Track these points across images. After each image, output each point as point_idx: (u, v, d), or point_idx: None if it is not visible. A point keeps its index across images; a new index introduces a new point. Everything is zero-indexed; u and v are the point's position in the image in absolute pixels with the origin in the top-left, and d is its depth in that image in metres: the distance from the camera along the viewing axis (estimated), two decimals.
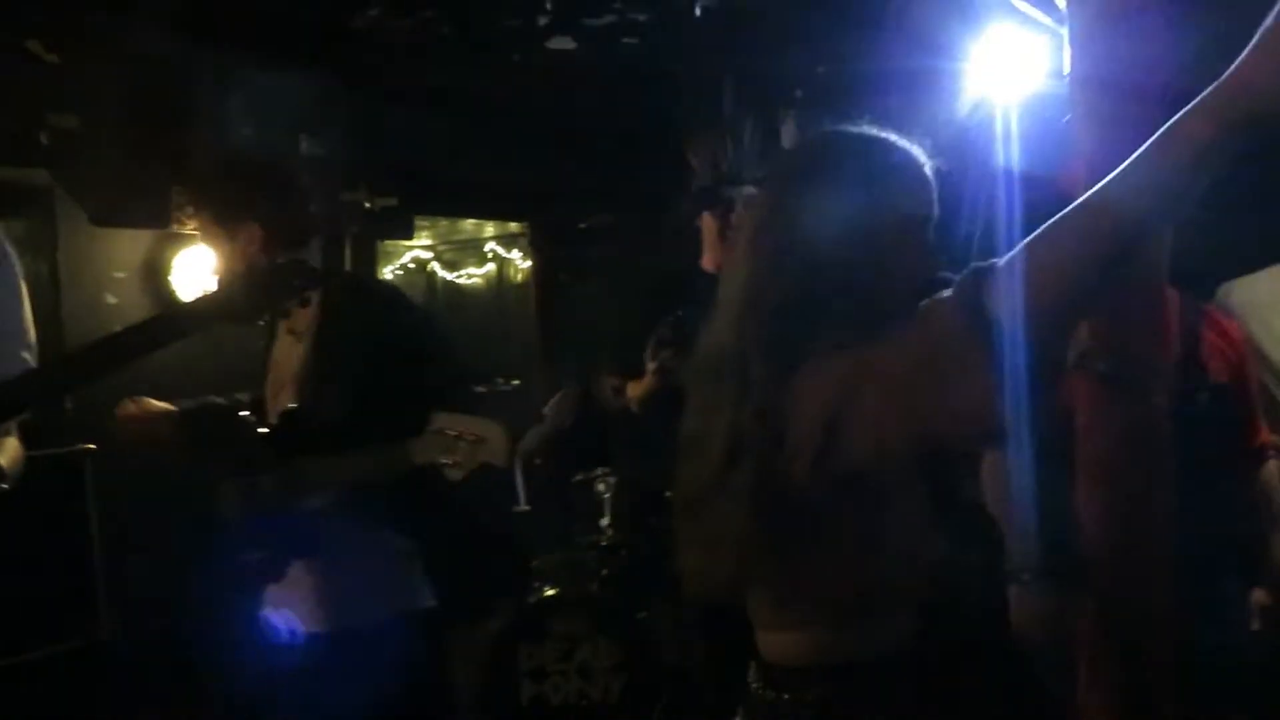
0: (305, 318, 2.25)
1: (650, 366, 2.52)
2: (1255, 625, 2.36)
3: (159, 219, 3.72)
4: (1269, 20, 0.86)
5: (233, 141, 3.55)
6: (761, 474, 1.19)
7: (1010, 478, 2.09)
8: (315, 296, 2.15)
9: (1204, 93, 0.90)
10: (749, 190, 2.27)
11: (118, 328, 2.28)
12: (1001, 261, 1.05)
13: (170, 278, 3.96)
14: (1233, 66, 0.88)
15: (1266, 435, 2.38)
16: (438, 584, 2.28)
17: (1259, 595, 2.41)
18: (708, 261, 2.47)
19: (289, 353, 2.29)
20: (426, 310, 2.52)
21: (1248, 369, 2.31)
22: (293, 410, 2.17)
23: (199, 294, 2.46)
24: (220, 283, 2.27)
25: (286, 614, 2.22)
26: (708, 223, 2.40)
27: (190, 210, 2.27)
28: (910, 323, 1.11)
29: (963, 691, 1.27)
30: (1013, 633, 1.72)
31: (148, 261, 3.96)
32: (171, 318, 2.12)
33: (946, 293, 1.08)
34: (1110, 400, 1.43)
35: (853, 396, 1.13)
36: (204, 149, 3.02)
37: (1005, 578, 1.84)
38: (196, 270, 3.91)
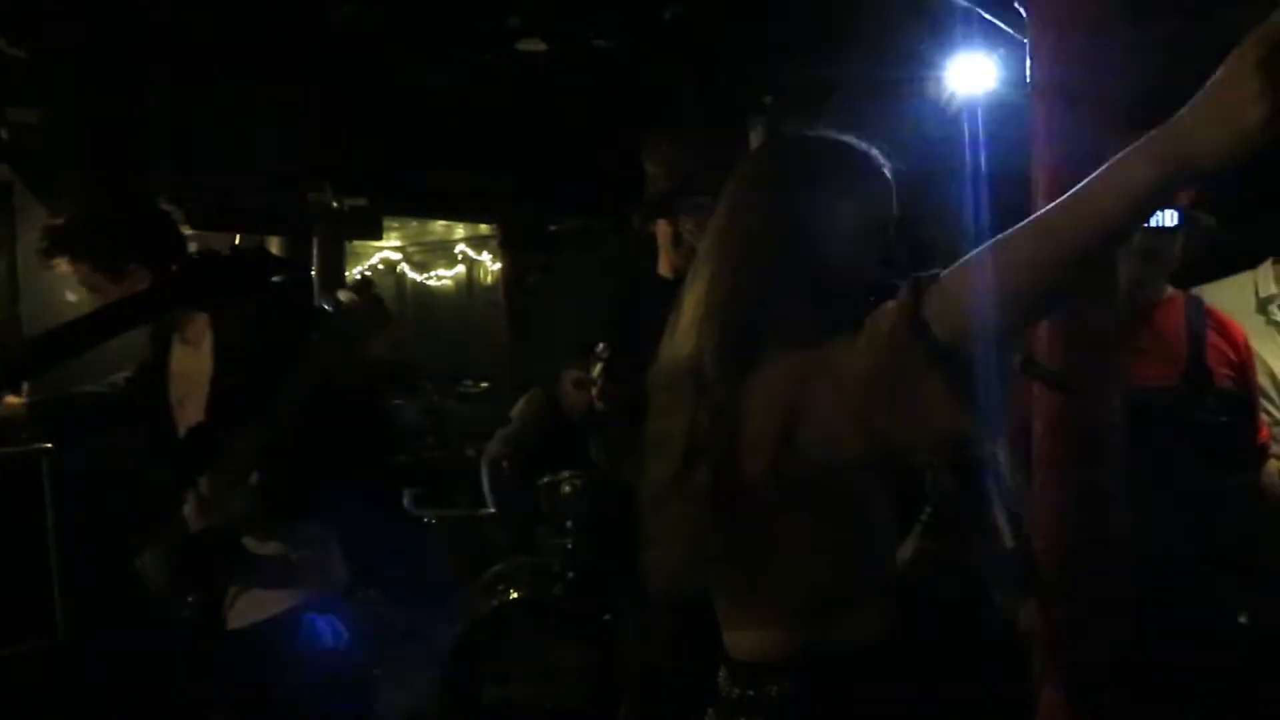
0: (197, 326, 2.32)
1: (594, 392, 2.56)
2: (1242, 619, 2.38)
3: None
4: (1218, 73, 0.87)
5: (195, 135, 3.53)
6: (718, 474, 1.20)
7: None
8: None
9: (1149, 134, 0.92)
10: (703, 200, 2.29)
11: None
12: (944, 273, 1.06)
13: None
14: (1179, 113, 0.89)
15: (1266, 435, 2.41)
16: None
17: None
18: (663, 267, 2.48)
19: (189, 362, 2.34)
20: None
21: (1250, 371, 2.33)
22: (201, 426, 2.24)
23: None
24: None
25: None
26: (662, 230, 2.42)
27: (69, 262, 2.30)
28: (860, 330, 1.11)
29: (927, 688, 1.28)
30: (987, 630, 1.74)
31: None
32: (134, 302, 2.15)
33: (890, 303, 1.08)
34: (1062, 403, 1.45)
35: (807, 398, 1.14)
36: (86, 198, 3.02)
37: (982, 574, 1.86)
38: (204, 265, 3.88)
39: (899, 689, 1.26)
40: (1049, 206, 1.00)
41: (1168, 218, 2.20)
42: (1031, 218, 1.01)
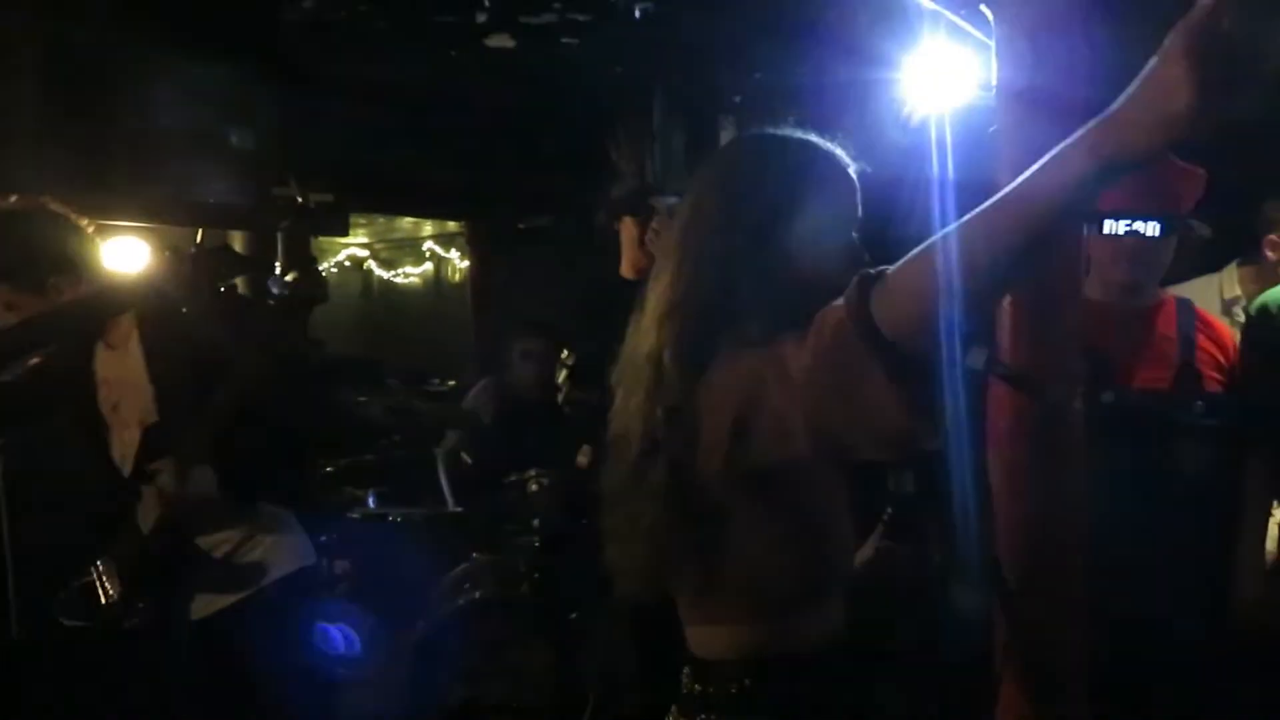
0: (121, 330, 2.31)
1: (560, 401, 2.58)
2: (1235, 622, 2.42)
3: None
4: (1149, 65, 0.89)
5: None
6: (675, 470, 1.21)
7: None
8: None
9: (1088, 124, 0.93)
10: (670, 199, 2.29)
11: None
12: (891, 269, 1.06)
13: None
14: (1114, 103, 0.91)
15: None
16: None
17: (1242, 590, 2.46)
18: (626, 268, 2.47)
19: (116, 366, 2.33)
20: (232, 288, 2.58)
21: (1238, 373, 2.36)
22: (154, 427, 2.23)
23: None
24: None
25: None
26: (628, 228, 2.42)
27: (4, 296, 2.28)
28: (810, 327, 1.11)
29: (886, 685, 1.28)
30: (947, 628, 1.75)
31: None
32: (104, 294, 2.15)
33: (839, 300, 1.08)
34: (1022, 404, 1.46)
35: (760, 396, 1.14)
36: None
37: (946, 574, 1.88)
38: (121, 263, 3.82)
39: (858, 687, 1.27)
40: (987, 202, 1.00)
41: (1150, 228, 2.23)
42: (970, 214, 1.01)
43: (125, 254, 2.87)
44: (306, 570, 2.35)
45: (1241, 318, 2.99)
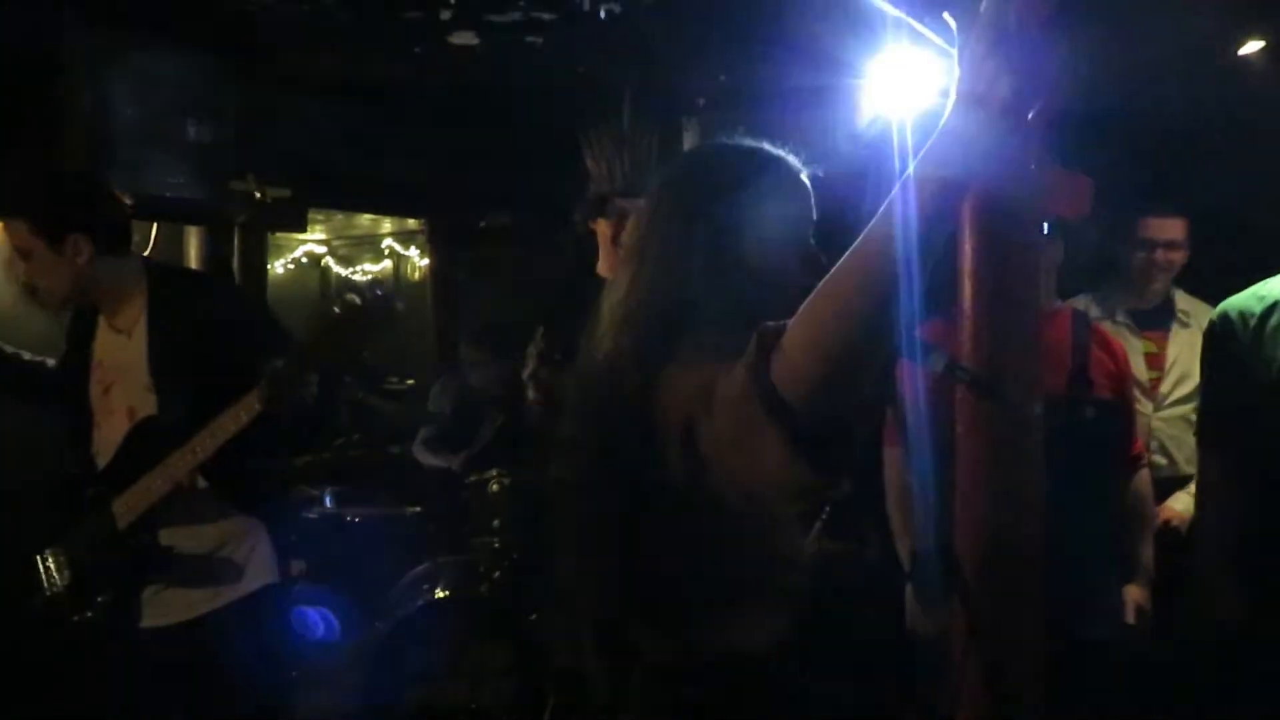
0: (129, 313, 2.26)
1: (526, 378, 2.56)
2: (1129, 619, 2.50)
3: None
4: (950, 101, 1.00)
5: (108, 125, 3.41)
6: (626, 475, 1.21)
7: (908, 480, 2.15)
8: (140, 291, 2.20)
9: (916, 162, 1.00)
10: (640, 202, 2.31)
11: None
12: (789, 325, 1.08)
13: None
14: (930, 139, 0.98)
15: (1140, 446, 2.52)
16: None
17: (1132, 592, 2.56)
18: (602, 267, 2.48)
19: (117, 348, 2.28)
20: (249, 291, 2.54)
21: (1128, 384, 2.44)
22: (148, 420, 2.18)
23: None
24: (35, 287, 2.26)
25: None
26: (602, 229, 2.43)
27: (13, 238, 2.22)
28: (741, 359, 1.11)
29: (836, 689, 1.30)
30: (901, 631, 1.78)
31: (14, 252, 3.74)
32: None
33: (750, 346, 1.09)
34: (982, 408, 1.48)
35: (697, 416, 1.15)
36: (26, 162, 2.92)
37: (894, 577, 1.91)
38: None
39: (808, 691, 1.28)
40: (850, 251, 1.05)
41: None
42: (836, 267, 1.05)
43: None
44: (275, 586, 2.30)
45: (1121, 319, 3.21)
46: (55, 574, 2.26)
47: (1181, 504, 2.96)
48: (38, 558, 2.29)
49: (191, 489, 2.16)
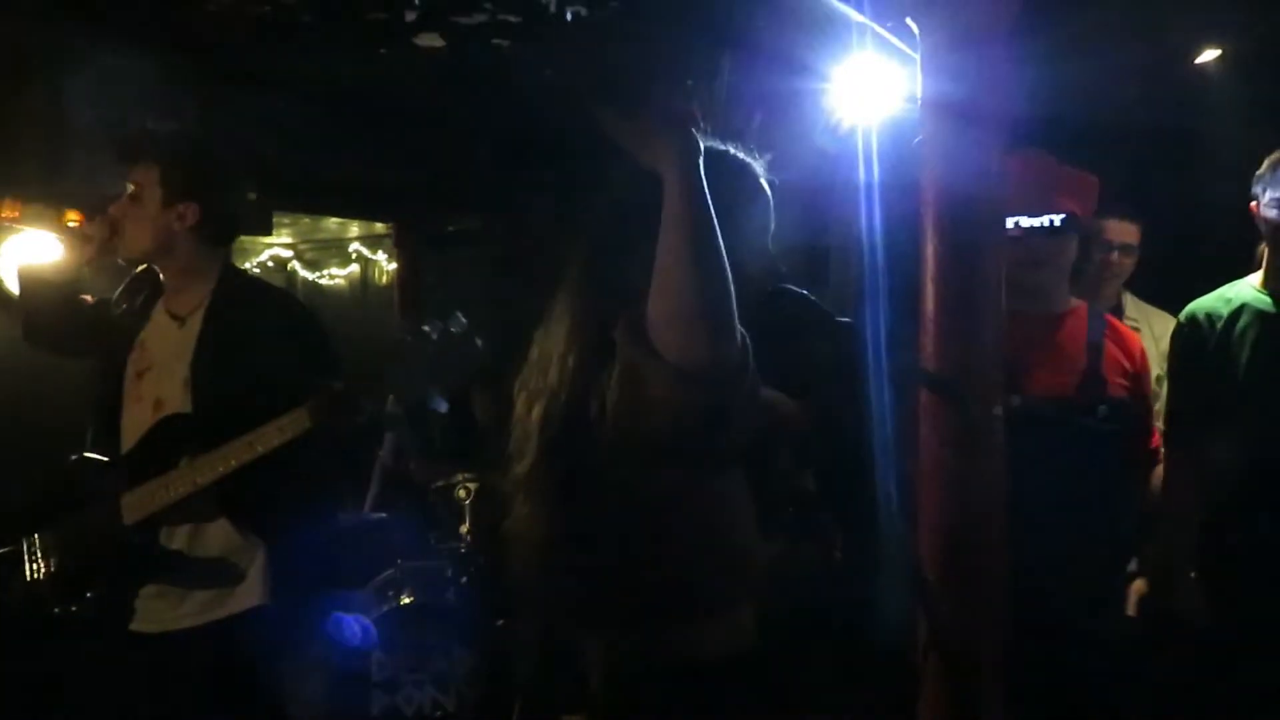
0: (190, 300, 2.22)
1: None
2: (1130, 612, 2.50)
3: None
4: None
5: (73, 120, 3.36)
6: (574, 475, 1.21)
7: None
8: (208, 283, 2.15)
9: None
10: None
11: None
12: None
13: None
14: None
15: (1158, 440, 2.54)
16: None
17: (1138, 585, 2.56)
18: None
19: (166, 334, 2.22)
20: (312, 310, 2.48)
21: (1144, 380, 2.44)
22: (178, 417, 2.12)
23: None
24: (121, 231, 2.22)
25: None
26: None
27: (134, 172, 2.19)
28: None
29: (800, 690, 1.30)
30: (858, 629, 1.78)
31: None
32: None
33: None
34: (944, 408, 1.50)
35: (606, 389, 1.24)
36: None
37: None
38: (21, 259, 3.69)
39: (771, 691, 1.28)
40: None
41: (1041, 223, 2.30)
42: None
43: (35, 247, 2.76)
44: (265, 609, 2.18)
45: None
46: (40, 559, 2.16)
47: None
48: (24, 539, 2.20)
49: (202, 495, 2.09)
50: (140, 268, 2.34)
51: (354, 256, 8.15)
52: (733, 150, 1.39)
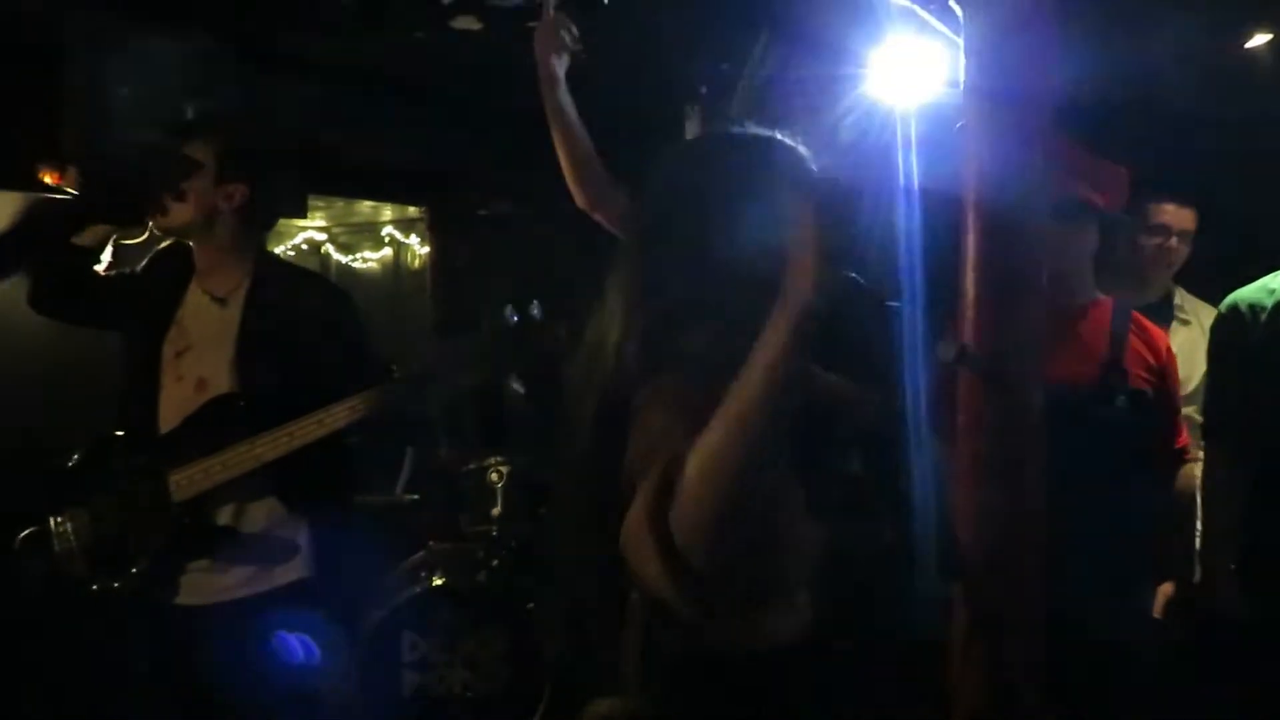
0: (229, 281, 2.24)
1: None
2: (1157, 614, 2.48)
3: (27, 181, 3.52)
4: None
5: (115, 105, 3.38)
6: (624, 466, 1.21)
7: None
8: (247, 264, 2.18)
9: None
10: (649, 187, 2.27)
11: None
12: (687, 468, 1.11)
13: None
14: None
15: (1186, 439, 2.50)
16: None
17: (1164, 588, 2.53)
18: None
19: (206, 315, 2.25)
20: (349, 294, 2.51)
21: (1170, 376, 2.41)
22: (228, 396, 2.16)
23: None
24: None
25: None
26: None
27: (193, 148, 2.21)
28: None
29: (852, 682, 1.29)
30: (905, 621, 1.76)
31: (12, 225, 3.73)
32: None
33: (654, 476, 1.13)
34: (985, 397, 1.48)
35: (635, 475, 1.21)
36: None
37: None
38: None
39: (824, 684, 1.27)
40: (720, 414, 1.09)
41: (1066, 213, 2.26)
42: (710, 429, 1.10)
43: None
44: (308, 581, 2.24)
45: None
46: (71, 537, 2.18)
47: None
48: (51, 518, 2.22)
49: (252, 473, 2.12)
50: (166, 243, 2.36)
51: (387, 240, 8.18)
52: (781, 137, 1.37)
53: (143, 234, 2.39)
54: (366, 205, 7.50)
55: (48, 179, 2.36)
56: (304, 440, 2.06)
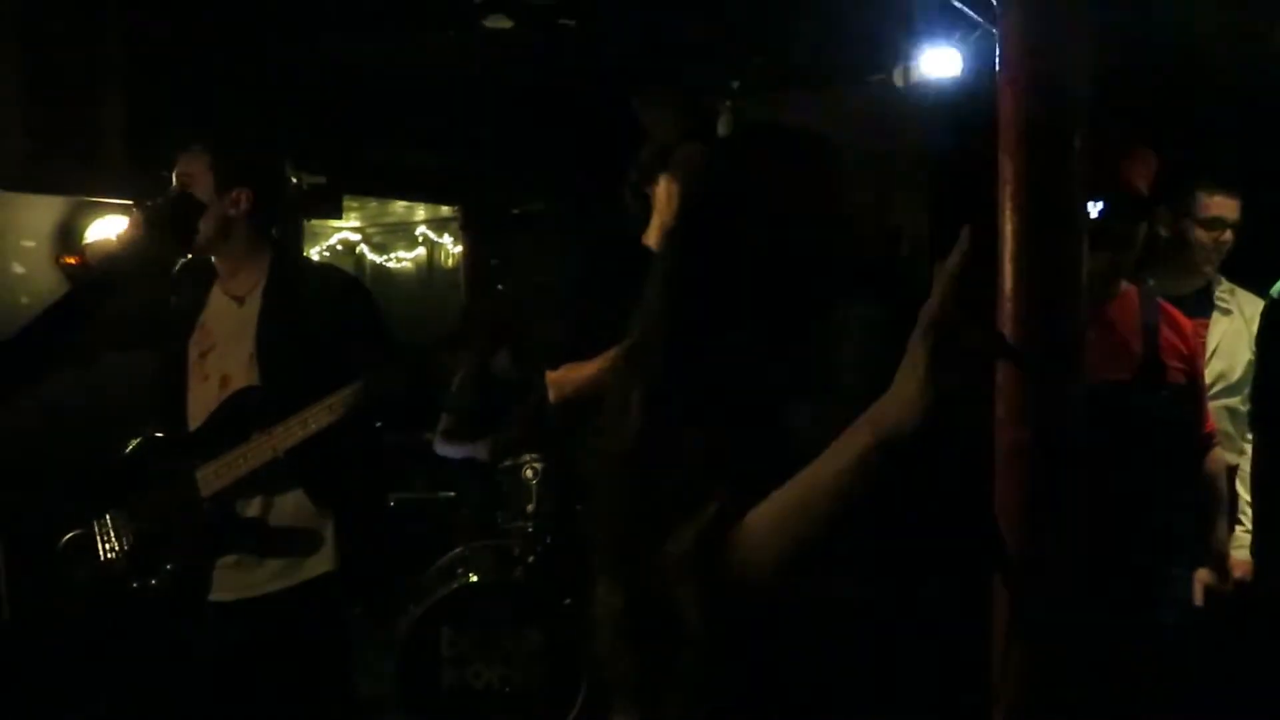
0: (247, 281, 2.26)
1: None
2: (1198, 602, 2.44)
3: (73, 185, 3.58)
4: (906, 356, 1.01)
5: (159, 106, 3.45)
6: (663, 460, 1.20)
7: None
8: (263, 261, 2.20)
9: (866, 413, 1.04)
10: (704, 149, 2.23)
11: (24, 299, 2.21)
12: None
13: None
14: (885, 395, 1.03)
15: (1212, 424, 2.46)
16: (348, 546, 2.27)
17: (1202, 574, 2.50)
18: (653, 236, 2.38)
19: (227, 315, 2.27)
20: (362, 283, 2.53)
21: (1199, 364, 2.37)
22: (249, 390, 2.17)
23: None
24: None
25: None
26: (661, 189, 2.34)
27: (185, 163, 2.25)
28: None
29: (900, 646, 1.28)
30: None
31: (59, 230, 3.80)
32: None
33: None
34: (1025, 389, 1.47)
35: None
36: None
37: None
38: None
39: (872, 648, 1.26)
40: (781, 493, 1.07)
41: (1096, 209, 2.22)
42: (767, 506, 1.08)
43: (112, 232, 2.85)
44: (335, 574, 2.22)
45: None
46: (114, 539, 2.23)
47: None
48: (94, 521, 2.25)
49: (277, 467, 2.14)
50: (186, 258, 2.39)
51: (420, 239, 8.25)
52: (818, 132, 1.35)
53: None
54: (400, 206, 7.57)
55: None
56: (318, 426, 2.07)
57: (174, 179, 2.26)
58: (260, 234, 2.30)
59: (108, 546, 2.22)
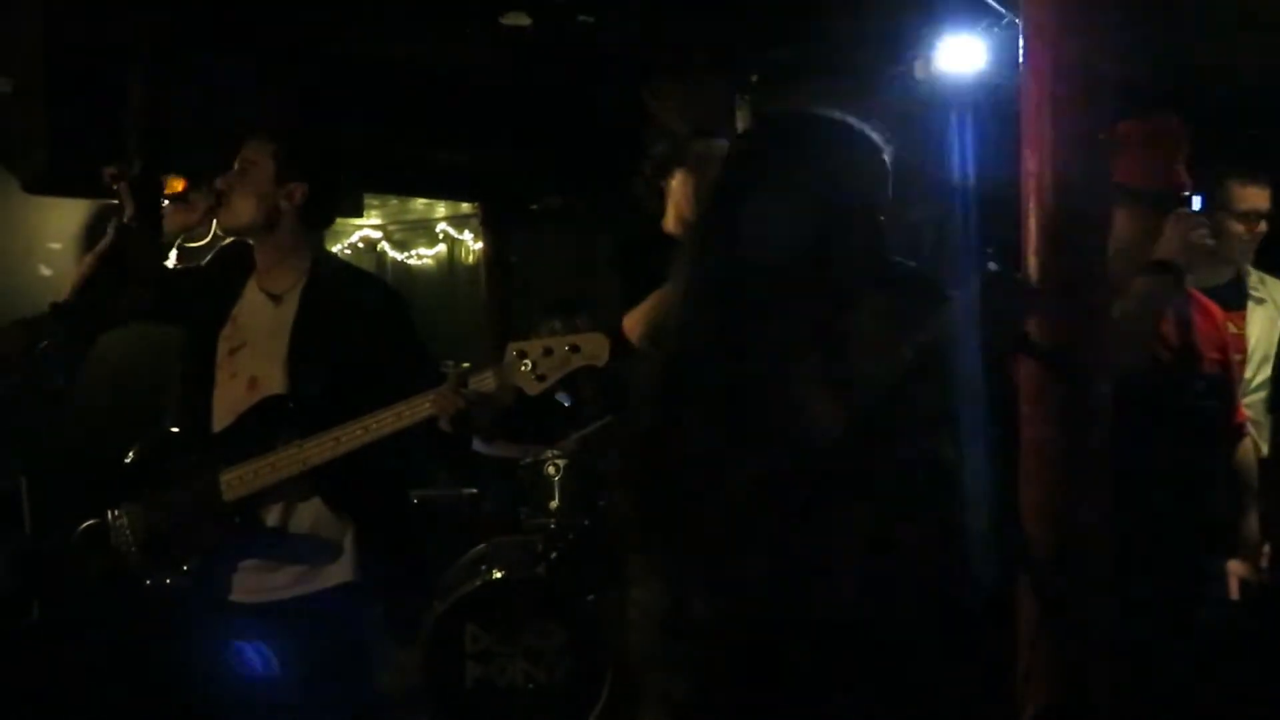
0: (285, 279, 2.25)
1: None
2: (1234, 594, 2.42)
3: (98, 188, 3.61)
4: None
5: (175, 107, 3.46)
6: (689, 450, 1.20)
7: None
8: (303, 262, 2.20)
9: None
10: (721, 141, 2.20)
11: (51, 301, 2.23)
12: None
13: None
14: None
15: (1243, 414, 2.43)
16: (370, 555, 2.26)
17: (1234, 566, 2.47)
18: (671, 223, 2.35)
19: (261, 312, 2.27)
20: (402, 295, 2.51)
21: (1230, 351, 2.34)
22: (277, 399, 2.16)
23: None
24: (228, 199, 2.27)
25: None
26: (675, 183, 2.32)
27: (250, 150, 2.26)
28: None
29: (904, 664, 1.27)
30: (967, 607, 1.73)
31: (85, 232, 3.84)
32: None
33: None
34: (1050, 386, 1.45)
35: None
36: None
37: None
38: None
39: (876, 664, 1.26)
40: None
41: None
42: None
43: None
44: (354, 585, 2.20)
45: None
46: (127, 530, 2.23)
47: None
48: (109, 512, 2.24)
49: (299, 475, 2.13)
50: (228, 241, 2.39)
51: (441, 236, 8.26)
52: (859, 126, 1.33)
53: (208, 235, 2.44)
54: (420, 202, 7.58)
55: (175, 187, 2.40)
56: (349, 446, 2.06)
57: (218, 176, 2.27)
58: (305, 232, 2.30)
59: (124, 539, 2.22)
